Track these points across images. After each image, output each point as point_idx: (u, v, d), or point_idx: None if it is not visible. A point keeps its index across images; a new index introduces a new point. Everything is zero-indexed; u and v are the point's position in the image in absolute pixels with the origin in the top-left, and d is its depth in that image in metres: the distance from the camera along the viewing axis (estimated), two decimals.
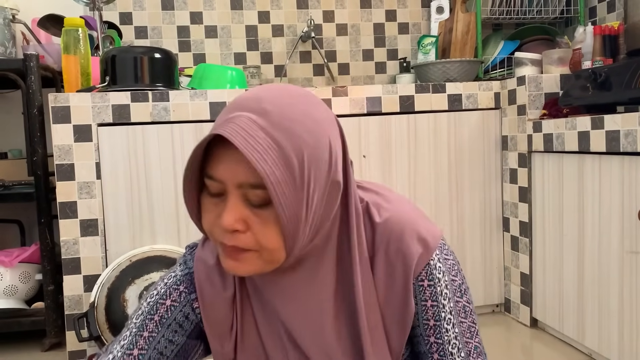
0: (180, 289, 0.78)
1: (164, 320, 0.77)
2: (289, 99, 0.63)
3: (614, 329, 1.45)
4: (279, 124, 0.61)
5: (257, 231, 0.62)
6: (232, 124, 0.60)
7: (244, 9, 2.38)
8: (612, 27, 1.80)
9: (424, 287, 0.72)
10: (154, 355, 0.76)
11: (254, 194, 0.61)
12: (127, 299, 1.52)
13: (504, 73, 2.15)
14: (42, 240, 1.74)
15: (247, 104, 0.62)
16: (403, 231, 0.71)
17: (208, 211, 0.65)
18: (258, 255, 0.64)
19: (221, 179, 0.62)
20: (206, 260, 0.77)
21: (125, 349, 0.76)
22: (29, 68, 1.70)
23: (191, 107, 1.71)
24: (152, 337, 0.76)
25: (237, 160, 0.61)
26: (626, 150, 1.35)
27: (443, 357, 0.74)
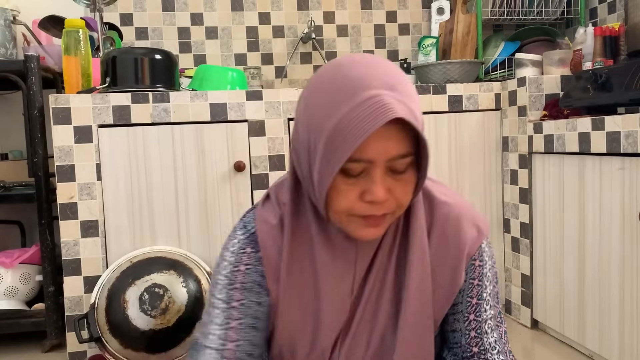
0: (248, 251, 0.79)
1: (245, 285, 0.78)
2: (392, 70, 0.67)
3: (614, 331, 1.45)
4: (406, 94, 0.65)
5: (399, 194, 0.68)
6: (389, 104, 0.62)
7: (244, 10, 2.38)
8: (613, 28, 1.80)
9: (475, 266, 0.79)
10: (250, 321, 0.78)
11: (401, 162, 0.66)
12: (127, 300, 1.52)
13: (505, 74, 2.15)
14: (43, 241, 1.74)
15: (371, 82, 0.64)
16: (461, 214, 0.78)
17: (344, 193, 0.67)
18: (392, 216, 0.70)
19: (371, 158, 0.64)
20: (268, 220, 0.79)
21: (223, 324, 0.77)
22: (29, 69, 1.71)
23: (192, 108, 1.71)
24: (243, 305, 0.78)
25: (387, 137, 0.63)
26: (627, 151, 1.35)
27: (479, 335, 0.80)
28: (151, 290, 1.53)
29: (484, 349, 0.80)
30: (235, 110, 1.73)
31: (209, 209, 1.74)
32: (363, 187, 0.66)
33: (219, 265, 0.81)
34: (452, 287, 0.78)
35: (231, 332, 0.77)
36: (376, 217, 0.68)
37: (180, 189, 1.72)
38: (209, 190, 1.74)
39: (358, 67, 0.65)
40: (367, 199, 0.66)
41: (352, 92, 0.63)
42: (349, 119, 0.62)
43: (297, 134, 0.71)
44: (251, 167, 1.76)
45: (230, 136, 1.74)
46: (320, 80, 0.67)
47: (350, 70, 0.65)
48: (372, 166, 0.65)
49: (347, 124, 0.62)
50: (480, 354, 0.81)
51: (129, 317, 1.51)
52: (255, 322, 0.78)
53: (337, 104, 0.63)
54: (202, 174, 1.73)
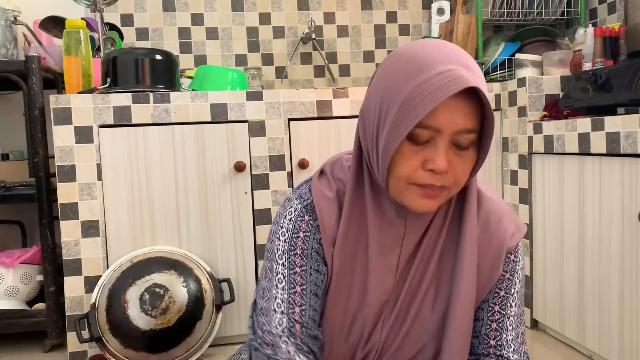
0: (306, 219, 0.81)
1: (305, 252, 0.80)
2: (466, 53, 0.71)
3: (614, 331, 1.45)
4: (479, 76, 0.69)
5: (459, 170, 0.71)
6: (464, 77, 0.65)
7: (244, 10, 2.39)
8: (613, 28, 1.80)
9: (510, 260, 0.82)
10: (312, 287, 0.80)
11: (465, 137, 0.69)
12: (127, 300, 1.52)
13: (505, 74, 2.15)
14: (43, 241, 1.74)
15: (450, 59, 0.68)
16: (504, 212, 0.83)
17: (408, 159, 0.70)
18: (448, 192, 0.72)
19: (440, 127, 0.67)
20: (325, 193, 0.81)
21: (287, 289, 0.79)
22: (30, 69, 1.71)
23: (192, 108, 1.71)
24: (304, 271, 0.80)
25: (456, 109, 0.67)
26: (626, 152, 1.36)
27: (500, 329, 0.82)
28: (152, 290, 1.53)
29: (501, 344, 0.82)
30: (235, 110, 1.74)
31: (209, 209, 1.74)
32: (426, 156, 0.69)
33: (275, 232, 0.83)
34: (490, 279, 0.80)
35: (296, 297, 0.79)
36: (433, 188, 0.70)
37: (180, 189, 1.72)
38: (209, 190, 1.74)
39: (434, 48, 0.70)
40: (428, 166, 0.69)
41: (429, 65, 0.67)
42: (425, 86, 0.66)
43: (368, 102, 0.74)
44: (251, 167, 1.76)
45: (230, 136, 1.74)
46: (397, 57, 0.71)
47: (426, 49, 0.69)
48: (438, 136, 0.68)
49: (423, 91, 0.66)
50: (496, 348, 0.82)
51: (130, 317, 1.51)
52: (316, 289, 0.80)
53: (415, 73, 0.67)
54: (203, 174, 1.73)
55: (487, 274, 0.80)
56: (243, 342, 1.04)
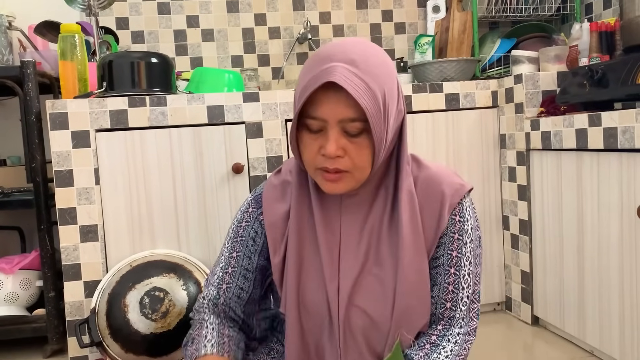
0: (250, 210, 0.97)
1: (242, 239, 0.96)
2: (367, 50, 0.80)
3: (615, 326, 1.45)
4: (365, 70, 0.77)
5: (354, 155, 0.79)
6: (335, 72, 0.75)
7: (240, 11, 2.38)
8: (609, 23, 1.80)
9: (455, 221, 0.88)
10: (242, 270, 0.96)
11: (352, 126, 0.78)
12: (127, 304, 1.52)
13: (501, 71, 2.15)
14: (42, 246, 1.74)
15: (335, 55, 0.77)
16: (444, 175, 0.90)
17: (308, 145, 0.81)
18: (351, 175, 0.81)
19: (324, 117, 0.78)
20: (272, 182, 0.96)
21: (222, 269, 0.97)
22: (26, 75, 1.71)
23: (189, 111, 1.71)
24: (239, 256, 0.96)
25: (337, 100, 0.77)
26: (624, 147, 1.35)
27: (456, 289, 0.88)
28: (151, 294, 1.53)
29: (455, 304, 0.88)
30: (232, 112, 1.73)
31: (207, 212, 1.74)
32: (321, 143, 0.80)
33: (233, 219, 0.99)
34: (437, 230, 0.87)
35: (227, 276, 0.96)
36: (330, 171, 0.80)
37: (178, 192, 1.72)
38: (207, 192, 1.74)
39: (336, 45, 0.80)
40: (321, 152, 0.80)
41: (318, 63, 0.78)
42: (308, 82, 0.77)
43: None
44: (249, 169, 1.76)
45: (227, 138, 1.74)
46: (312, 54, 0.84)
47: (328, 47, 0.80)
48: (327, 125, 0.78)
49: (306, 85, 0.78)
50: (451, 310, 0.87)
51: (130, 321, 1.51)
52: (245, 272, 0.95)
53: (307, 72, 0.79)
54: (201, 177, 1.73)
55: (432, 231, 0.87)
56: None
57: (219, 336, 0.91)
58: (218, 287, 0.96)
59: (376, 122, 0.77)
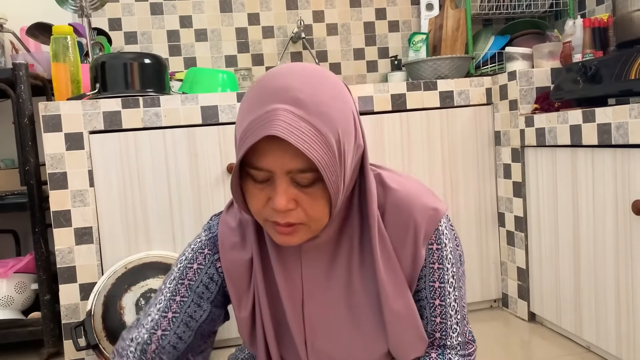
0: (205, 252, 0.86)
1: (192, 283, 0.85)
2: (314, 84, 0.68)
3: (611, 321, 1.46)
4: (314, 111, 0.66)
5: (307, 206, 0.70)
6: (277, 120, 0.64)
7: (233, 11, 2.38)
8: (602, 19, 1.80)
9: (433, 250, 0.80)
10: (185, 318, 0.84)
11: (302, 177, 0.68)
12: (123, 307, 1.52)
13: (495, 68, 2.15)
14: (37, 249, 1.73)
15: (279, 95, 0.66)
16: (415, 199, 0.79)
17: (255, 196, 0.71)
18: (306, 227, 0.72)
19: (270, 168, 0.68)
20: (229, 223, 0.85)
21: (161, 311, 0.84)
22: (18, 77, 1.69)
23: (183, 111, 1.70)
24: (183, 302, 0.84)
25: (284, 151, 0.66)
26: (618, 142, 1.36)
27: (444, 320, 0.82)
28: (147, 296, 1.52)
29: (446, 334, 0.82)
30: (226, 112, 1.73)
31: (203, 212, 1.73)
32: (270, 194, 0.70)
33: (179, 257, 0.88)
34: (414, 269, 0.80)
35: (164, 321, 0.84)
36: (288, 225, 0.71)
37: (173, 193, 1.71)
38: (202, 193, 1.73)
39: (280, 78, 0.68)
40: (270, 205, 0.70)
41: (260, 103, 0.67)
42: (249, 128, 0.66)
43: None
44: None
45: (222, 139, 1.73)
46: (253, 86, 0.72)
47: (271, 80, 0.68)
48: (274, 175, 0.68)
49: (246, 132, 0.66)
50: (441, 339, 0.83)
51: (126, 324, 1.50)
52: (189, 320, 0.85)
53: (249, 112, 0.68)
54: (195, 178, 1.72)
55: (409, 267, 0.80)
56: (240, 345, 1.04)
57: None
58: (151, 332, 0.84)
59: (331, 171, 0.66)
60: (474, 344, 0.86)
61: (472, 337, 0.86)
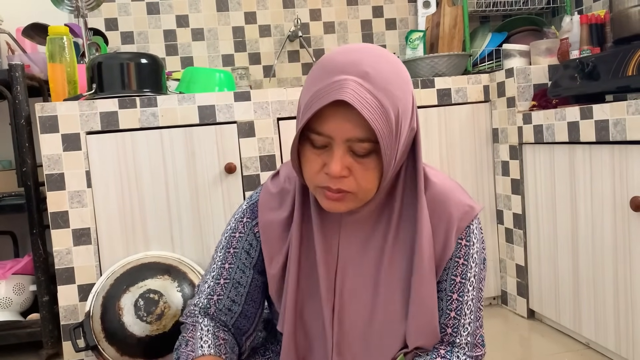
0: (244, 220, 0.91)
1: (236, 251, 0.91)
2: (381, 61, 0.72)
3: (609, 318, 1.46)
4: (379, 85, 0.70)
5: (359, 176, 0.73)
6: (346, 88, 0.68)
7: (230, 10, 2.37)
8: (599, 15, 1.80)
9: (462, 245, 0.83)
10: (235, 283, 0.90)
11: (360, 146, 0.72)
12: (122, 307, 1.51)
13: (493, 65, 2.15)
14: (35, 251, 1.73)
15: (348, 68, 0.70)
16: (453, 194, 0.83)
17: (311, 161, 0.75)
18: (354, 196, 0.75)
19: (331, 134, 0.71)
20: (270, 190, 0.90)
21: (214, 278, 0.91)
22: (14, 78, 1.69)
23: (180, 111, 1.70)
24: (231, 268, 0.91)
25: (346, 118, 0.70)
26: (615, 139, 1.36)
27: (459, 316, 0.83)
28: (146, 296, 1.52)
29: (457, 330, 0.83)
30: (224, 112, 1.73)
31: (201, 212, 1.73)
32: (325, 160, 0.74)
33: (225, 227, 0.94)
34: (441, 262, 0.82)
35: (219, 287, 0.91)
36: (332, 191, 0.74)
37: (171, 193, 1.71)
38: (200, 193, 1.73)
39: (347, 53, 0.72)
40: (324, 170, 0.74)
41: (329, 74, 0.71)
42: (316, 95, 0.70)
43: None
44: (242, 169, 1.75)
45: (219, 138, 1.73)
46: (318, 62, 0.75)
47: (339, 55, 0.73)
48: (333, 142, 0.72)
49: (313, 98, 0.71)
50: (452, 335, 0.83)
51: (125, 324, 1.50)
52: (237, 286, 0.90)
53: (316, 82, 0.72)
54: (193, 177, 1.72)
55: (437, 256, 0.82)
56: None
57: (215, 338, 0.88)
58: (209, 298, 0.91)
59: (387, 144, 0.70)
60: (483, 349, 0.86)
61: (482, 342, 0.86)
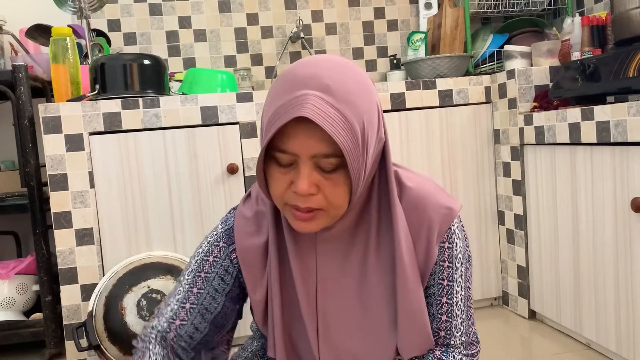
0: (220, 244, 0.87)
1: (208, 276, 0.87)
2: (343, 72, 0.71)
3: (610, 319, 1.46)
4: (341, 98, 0.68)
5: (329, 192, 0.71)
6: (307, 103, 0.66)
7: (232, 11, 2.38)
8: (600, 17, 1.81)
9: (444, 248, 0.82)
10: (202, 309, 0.87)
11: (326, 162, 0.70)
12: (125, 307, 1.52)
13: (494, 66, 2.15)
14: (38, 251, 1.73)
15: (308, 82, 0.69)
16: (430, 197, 0.81)
17: (278, 180, 0.73)
18: (325, 213, 0.73)
19: (295, 151, 0.69)
20: (245, 214, 0.87)
21: (179, 302, 0.87)
22: (18, 79, 1.70)
23: (182, 112, 1.70)
24: (200, 293, 0.87)
25: (310, 135, 0.68)
26: (617, 140, 1.36)
27: (450, 319, 0.83)
28: (148, 296, 1.53)
29: (450, 333, 0.83)
30: (226, 112, 1.73)
31: (203, 213, 1.74)
32: (292, 178, 0.72)
33: (196, 250, 0.90)
34: (426, 268, 0.81)
35: (183, 311, 0.87)
36: (302, 210, 0.72)
37: (174, 193, 1.72)
38: (202, 193, 1.73)
39: (309, 67, 0.71)
40: (292, 189, 0.72)
41: (290, 88, 0.69)
42: (277, 112, 0.68)
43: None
44: (244, 169, 1.76)
45: (222, 139, 1.73)
46: (280, 75, 0.74)
47: (300, 68, 0.71)
48: (299, 159, 0.70)
49: (274, 116, 0.69)
50: (445, 338, 0.83)
51: (127, 324, 1.51)
52: (204, 312, 0.87)
53: (277, 98, 0.70)
54: (195, 178, 1.73)
55: (422, 263, 0.81)
56: (241, 344, 1.05)
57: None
58: (170, 322, 0.87)
59: (354, 158, 0.69)
60: (478, 345, 0.86)
61: (476, 339, 0.87)
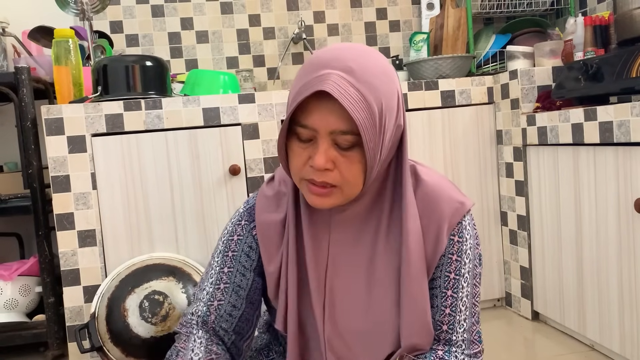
0: (242, 222, 0.92)
1: (235, 254, 0.91)
2: (367, 58, 0.74)
3: (614, 320, 1.45)
4: (362, 79, 0.72)
5: (344, 169, 0.74)
6: (328, 81, 0.70)
7: (234, 12, 2.38)
8: (603, 17, 1.80)
9: (454, 241, 0.83)
10: (235, 287, 0.90)
11: (343, 139, 0.73)
12: (127, 308, 1.52)
13: (497, 67, 2.15)
14: (41, 252, 1.74)
15: (332, 63, 0.72)
16: (443, 191, 0.84)
17: (297, 154, 0.76)
18: (340, 190, 0.76)
19: (315, 127, 0.73)
20: (266, 193, 0.91)
21: (213, 284, 0.91)
22: (20, 81, 1.70)
23: (184, 113, 1.70)
24: (231, 272, 0.90)
25: (329, 111, 0.72)
26: (620, 140, 1.36)
27: (453, 313, 0.83)
28: (151, 298, 1.53)
29: (452, 327, 0.83)
30: (228, 114, 1.73)
31: (205, 214, 1.74)
32: (311, 153, 0.75)
33: (222, 231, 0.94)
34: (435, 252, 0.82)
35: (219, 292, 0.90)
36: (317, 184, 0.75)
37: (176, 194, 1.72)
38: (205, 195, 1.73)
39: (333, 51, 0.74)
40: (310, 163, 0.75)
41: (315, 69, 0.73)
42: (300, 88, 0.73)
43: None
44: (246, 170, 1.76)
45: (224, 140, 1.73)
46: (307, 59, 0.78)
47: (326, 52, 0.75)
48: (317, 135, 0.74)
49: (298, 92, 0.73)
50: (447, 333, 0.83)
51: (130, 325, 1.51)
52: (238, 289, 0.90)
53: (302, 77, 0.74)
54: (198, 179, 1.73)
55: (430, 253, 0.82)
56: None
57: (207, 352, 0.87)
58: (208, 304, 0.90)
59: (370, 137, 0.71)
60: (480, 345, 0.86)
61: (479, 338, 0.86)
